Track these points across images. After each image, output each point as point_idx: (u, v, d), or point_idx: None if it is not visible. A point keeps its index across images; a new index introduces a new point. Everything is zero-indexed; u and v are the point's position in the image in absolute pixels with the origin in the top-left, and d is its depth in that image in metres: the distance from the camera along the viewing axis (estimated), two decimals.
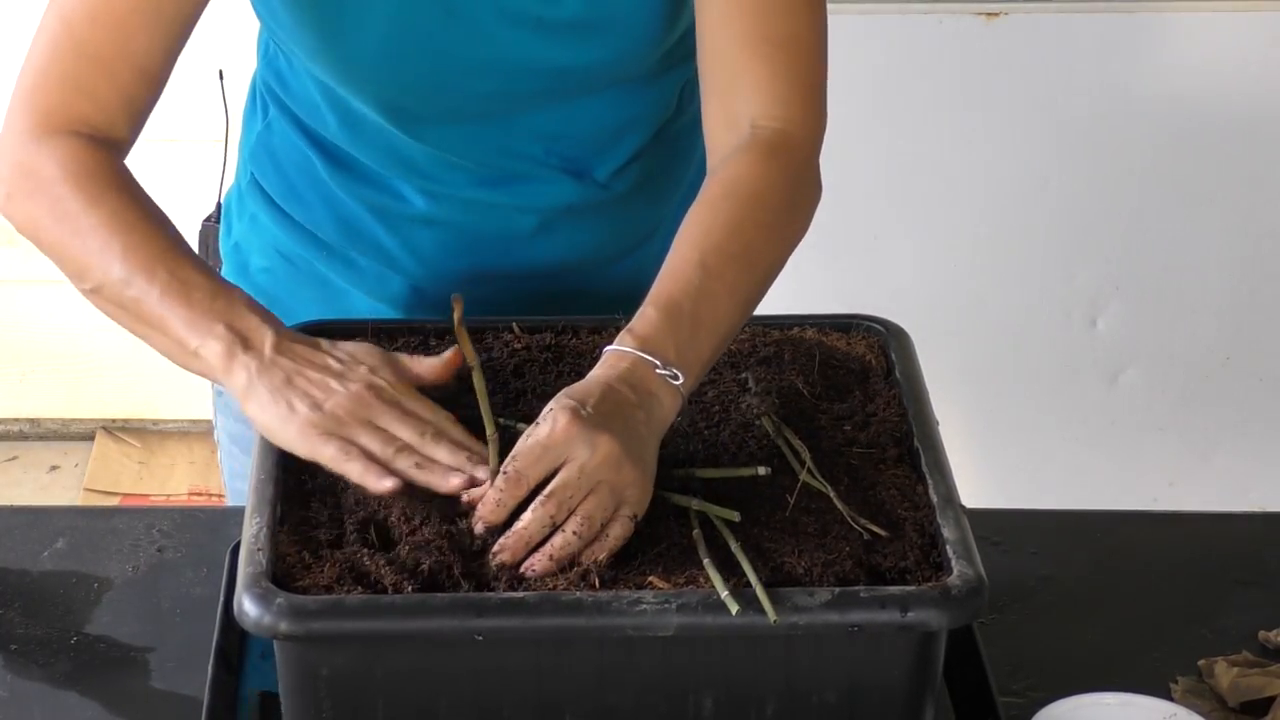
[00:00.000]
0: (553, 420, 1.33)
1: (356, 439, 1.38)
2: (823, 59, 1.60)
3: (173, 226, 1.53)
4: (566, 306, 1.69)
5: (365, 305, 1.75)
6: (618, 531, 1.32)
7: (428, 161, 1.69)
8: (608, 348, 1.41)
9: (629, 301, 1.49)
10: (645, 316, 1.42)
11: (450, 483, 1.36)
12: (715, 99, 1.59)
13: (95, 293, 1.51)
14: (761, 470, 1.39)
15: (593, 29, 1.61)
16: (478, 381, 1.43)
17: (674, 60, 1.68)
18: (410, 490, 1.37)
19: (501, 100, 1.65)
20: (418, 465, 1.37)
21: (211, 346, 1.44)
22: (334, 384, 1.41)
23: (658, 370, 1.39)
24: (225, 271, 1.81)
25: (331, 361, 1.43)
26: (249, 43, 1.76)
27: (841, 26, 2.79)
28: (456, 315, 1.44)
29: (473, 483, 1.35)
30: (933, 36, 2.88)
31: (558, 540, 1.31)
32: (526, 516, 1.31)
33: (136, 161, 1.59)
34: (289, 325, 1.51)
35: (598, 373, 1.39)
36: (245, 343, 1.44)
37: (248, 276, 1.79)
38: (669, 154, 1.75)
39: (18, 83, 1.56)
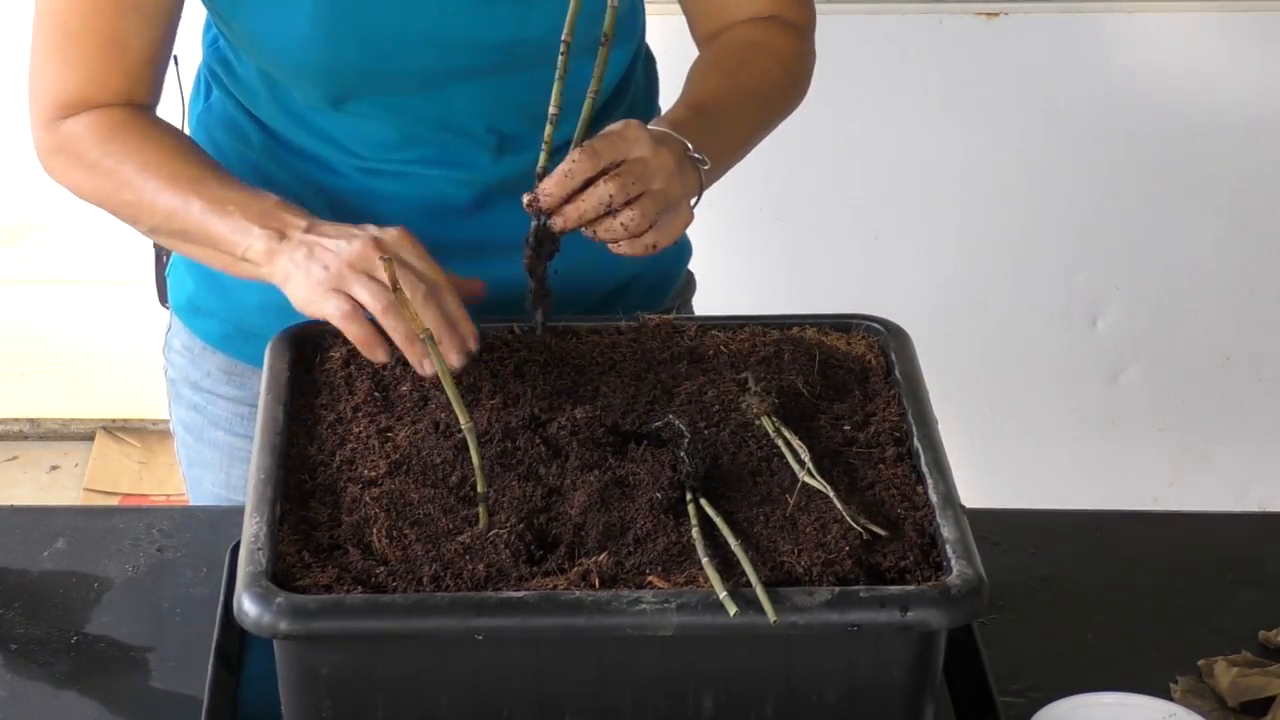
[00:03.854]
0: (624, 123, 1.49)
1: (354, 292, 1.47)
2: None
3: (198, 152, 1.66)
4: (513, 290, 1.65)
5: None
6: (670, 224, 1.50)
7: (363, 142, 1.70)
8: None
9: (575, 292, 1.53)
10: (671, 117, 1.59)
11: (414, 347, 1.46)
12: (701, 22, 1.77)
13: (153, 233, 1.65)
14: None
15: (528, 1, 1.61)
16: (431, 350, 1.39)
17: (613, 40, 1.69)
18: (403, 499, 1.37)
19: (437, 76, 1.65)
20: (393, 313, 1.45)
21: (255, 248, 1.55)
22: (343, 243, 1.50)
23: (690, 154, 1.54)
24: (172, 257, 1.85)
25: (354, 229, 1.53)
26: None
27: (841, 26, 2.80)
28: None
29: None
30: (933, 36, 2.88)
31: (604, 222, 1.46)
32: (589, 191, 1.46)
33: None
34: (233, 304, 1.60)
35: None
36: (281, 235, 1.54)
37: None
38: None
39: (30, 79, 1.66)
